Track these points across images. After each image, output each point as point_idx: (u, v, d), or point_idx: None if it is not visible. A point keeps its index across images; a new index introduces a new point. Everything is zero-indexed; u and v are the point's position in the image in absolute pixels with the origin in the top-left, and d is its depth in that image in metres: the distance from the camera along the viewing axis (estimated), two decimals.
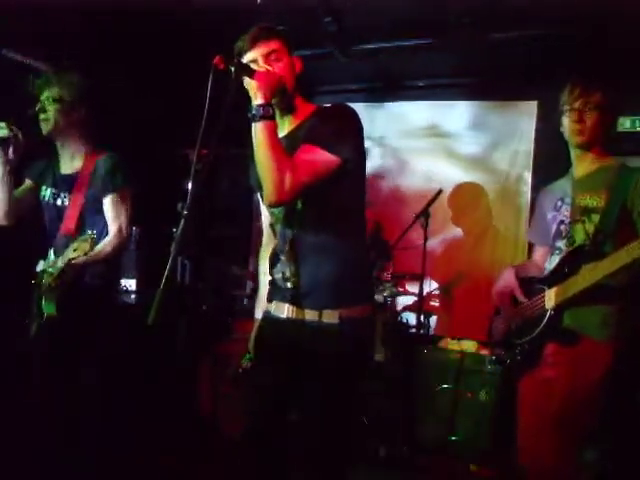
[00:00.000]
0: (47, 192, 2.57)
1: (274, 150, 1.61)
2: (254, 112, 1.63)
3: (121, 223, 2.47)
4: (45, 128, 2.47)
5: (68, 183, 2.52)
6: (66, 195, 2.52)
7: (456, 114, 4.95)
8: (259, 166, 1.64)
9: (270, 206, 1.80)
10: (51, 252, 2.51)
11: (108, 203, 2.47)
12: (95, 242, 2.25)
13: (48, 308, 2.33)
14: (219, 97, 1.58)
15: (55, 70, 2.55)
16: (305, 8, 3.42)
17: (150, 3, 3.26)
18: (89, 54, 3.40)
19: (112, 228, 2.46)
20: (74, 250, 2.23)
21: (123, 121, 3.63)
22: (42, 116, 2.45)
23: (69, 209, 2.49)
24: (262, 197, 1.85)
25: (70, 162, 2.56)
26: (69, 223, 2.47)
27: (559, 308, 1.95)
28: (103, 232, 2.47)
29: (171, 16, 3.49)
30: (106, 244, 2.44)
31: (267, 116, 1.63)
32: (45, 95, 2.45)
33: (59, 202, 2.53)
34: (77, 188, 2.49)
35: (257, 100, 1.63)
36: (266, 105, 1.63)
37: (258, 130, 1.63)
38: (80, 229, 2.44)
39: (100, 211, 2.48)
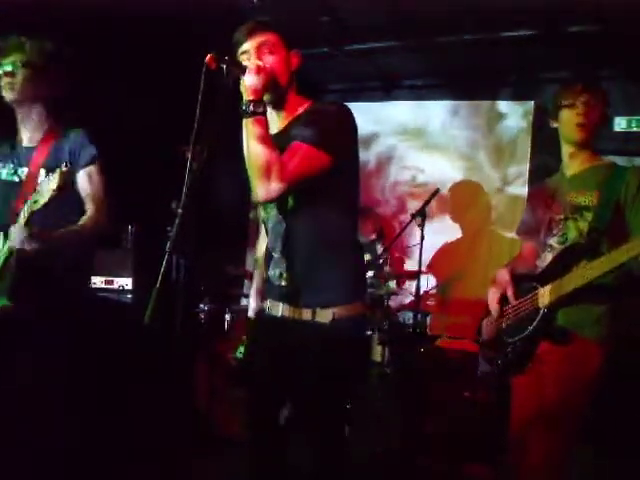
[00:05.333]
0: (5, 169, 2.29)
1: (263, 146, 1.61)
2: (244, 108, 1.64)
3: (100, 200, 2.19)
4: (9, 94, 2.21)
5: (27, 157, 2.24)
6: (24, 170, 2.24)
7: (453, 114, 4.96)
8: (247, 162, 1.64)
9: (259, 202, 1.79)
10: (0, 235, 2.20)
11: (82, 178, 2.19)
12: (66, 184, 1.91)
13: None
14: (214, 95, 1.58)
15: (28, 35, 2.26)
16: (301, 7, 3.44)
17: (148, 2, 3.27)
18: (85, 51, 3.39)
19: (90, 205, 2.17)
20: (34, 202, 1.94)
21: (118, 119, 3.63)
22: (7, 80, 2.19)
23: (25, 185, 2.19)
24: None
25: (31, 134, 2.29)
26: (24, 200, 2.08)
27: (553, 306, 1.94)
28: (68, 212, 2.18)
29: (169, 15, 3.49)
30: (85, 221, 2.14)
31: (257, 112, 1.63)
32: (13, 58, 2.20)
33: (16, 178, 2.25)
34: (35, 162, 2.20)
35: (248, 96, 1.63)
36: (256, 101, 1.63)
37: (248, 126, 1.63)
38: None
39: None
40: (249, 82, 1.63)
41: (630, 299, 1.97)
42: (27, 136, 2.31)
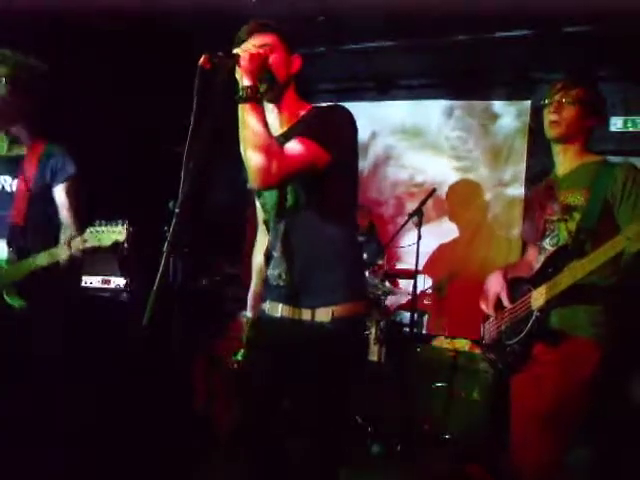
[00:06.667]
0: None
1: (259, 131, 1.59)
2: (240, 93, 1.62)
3: (75, 211, 2.37)
4: None
5: (11, 167, 2.37)
6: (11, 180, 2.36)
7: (448, 113, 4.97)
8: (243, 148, 1.62)
9: (255, 189, 1.78)
10: (2, 243, 2.34)
11: (61, 192, 2.37)
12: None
13: (14, 301, 2.26)
14: (210, 94, 1.57)
15: (12, 49, 2.33)
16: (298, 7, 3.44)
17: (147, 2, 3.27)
18: (84, 51, 3.39)
19: (66, 216, 2.37)
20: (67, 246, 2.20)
21: (116, 119, 3.62)
22: None
23: (17, 197, 2.34)
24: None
25: (12, 145, 2.40)
26: (19, 212, 2.32)
27: (545, 308, 1.94)
28: (50, 222, 2.38)
29: (167, 14, 3.49)
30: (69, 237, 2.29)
31: (253, 97, 1.61)
32: None
33: (1, 187, 2.38)
34: (24, 174, 2.34)
35: (242, 81, 1.63)
36: (251, 86, 1.62)
37: (244, 111, 1.61)
38: (29, 219, 2.34)
39: (48, 200, 2.37)
40: (242, 66, 1.62)
41: (624, 297, 1.97)
42: (8, 146, 2.41)
